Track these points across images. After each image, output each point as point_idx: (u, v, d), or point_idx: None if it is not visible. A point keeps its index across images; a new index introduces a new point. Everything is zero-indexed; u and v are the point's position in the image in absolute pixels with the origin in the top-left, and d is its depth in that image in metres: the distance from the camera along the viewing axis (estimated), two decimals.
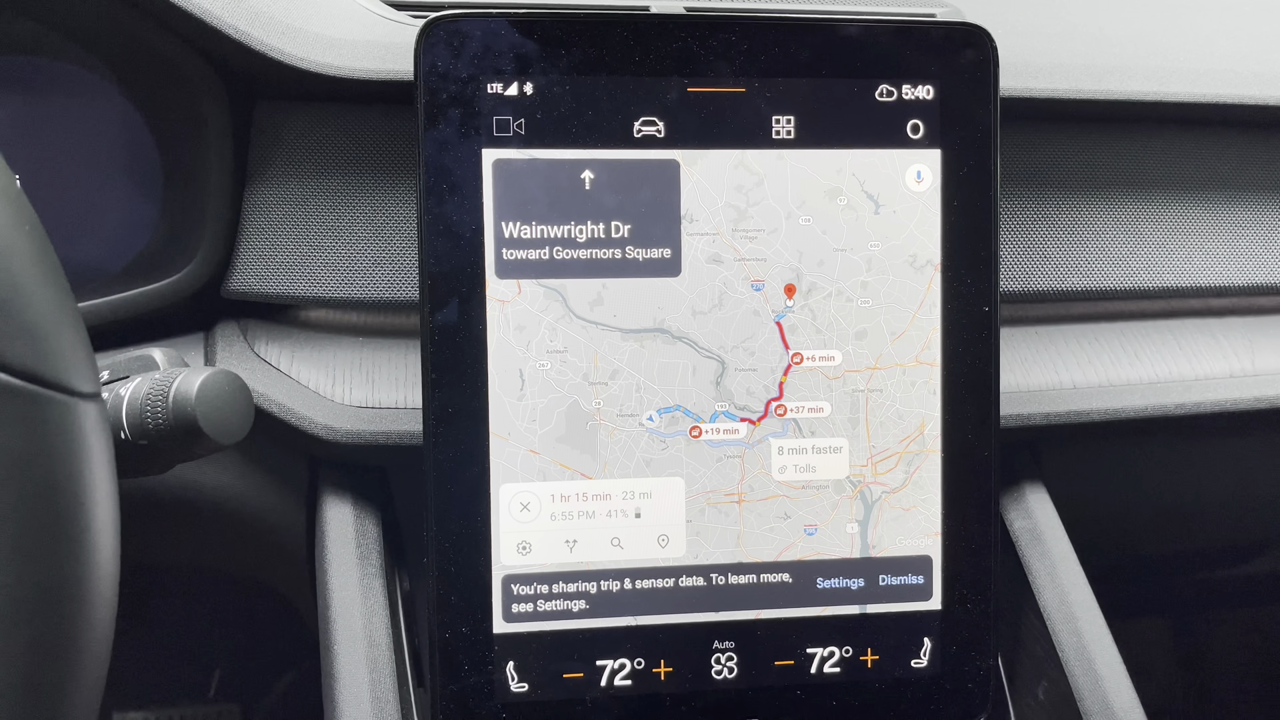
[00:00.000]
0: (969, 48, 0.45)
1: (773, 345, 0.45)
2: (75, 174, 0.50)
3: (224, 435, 0.36)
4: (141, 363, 0.39)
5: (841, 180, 0.45)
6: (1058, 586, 0.48)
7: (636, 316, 0.44)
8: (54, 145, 0.49)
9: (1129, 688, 0.45)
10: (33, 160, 0.49)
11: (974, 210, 0.45)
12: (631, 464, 0.44)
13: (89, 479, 0.28)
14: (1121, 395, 0.52)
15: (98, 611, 0.28)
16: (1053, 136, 0.53)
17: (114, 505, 0.29)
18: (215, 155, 0.47)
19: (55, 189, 0.50)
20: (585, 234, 0.44)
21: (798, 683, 0.46)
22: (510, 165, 0.43)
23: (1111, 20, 0.58)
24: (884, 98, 0.45)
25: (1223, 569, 0.72)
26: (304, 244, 0.48)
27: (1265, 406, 0.53)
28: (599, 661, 0.44)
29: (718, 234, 0.44)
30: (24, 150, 0.49)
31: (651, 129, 0.44)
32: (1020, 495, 0.51)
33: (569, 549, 0.44)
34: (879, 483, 0.46)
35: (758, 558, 0.45)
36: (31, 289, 0.27)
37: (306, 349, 0.48)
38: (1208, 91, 0.52)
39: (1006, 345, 0.52)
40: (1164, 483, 0.58)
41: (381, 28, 0.48)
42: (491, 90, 0.43)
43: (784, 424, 0.45)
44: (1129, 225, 0.53)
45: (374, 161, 0.48)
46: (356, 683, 0.42)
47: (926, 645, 0.46)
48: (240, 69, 0.46)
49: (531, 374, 0.43)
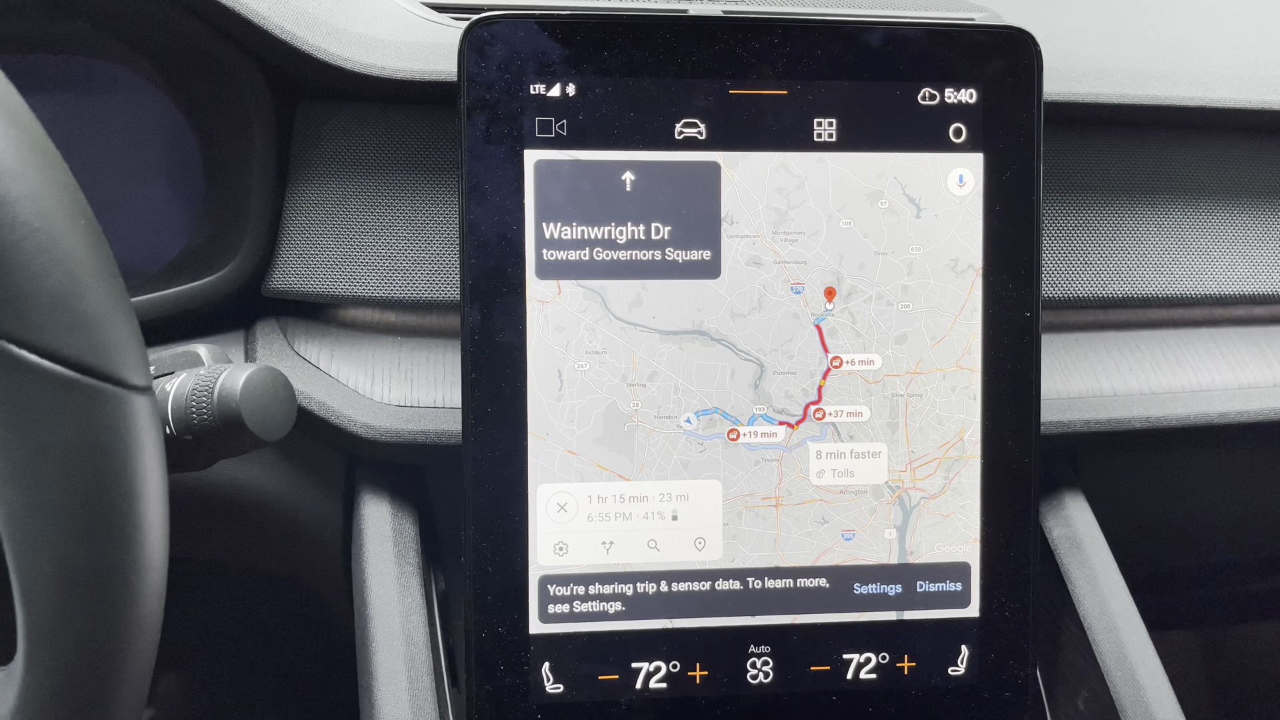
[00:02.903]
0: (1012, 51, 0.45)
1: (812, 348, 0.45)
2: (121, 172, 0.50)
3: (267, 431, 0.37)
4: (186, 359, 0.39)
5: (883, 183, 0.45)
6: (1098, 595, 0.48)
7: (675, 318, 0.44)
8: (101, 143, 0.50)
9: (1172, 699, 0.44)
10: (80, 158, 0.50)
11: (1016, 215, 0.45)
12: (669, 466, 0.44)
13: (141, 471, 0.28)
14: (1163, 403, 0.51)
15: (147, 602, 0.29)
16: (1096, 142, 0.52)
17: (164, 497, 0.29)
18: (258, 155, 0.47)
19: (101, 187, 0.50)
20: (625, 235, 0.44)
21: (833, 688, 0.45)
22: (552, 166, 0.43)
23: (1153, 25, 0.58)
24: (926, 101, 0.45)
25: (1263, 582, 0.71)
26: (344, 243, 0.48)
27: None
28: (634, 664, 0.44)
29: (758, 236, 0.44)
30: (72, 148, 0.49)
31: (693, 130, 0.44)
32: (1059, 503, 0.51)
33: (605, 550, 0.44)
34: (918, 488, 0.45)
35: (794, 562, 0.45)
36: (87, 283, 0.28)
37: (346, 348, 0.48)
38: (1253, 98, 0.52)
39: (1047, 351, 0.52)
40: (1205, 493, 0.57)
41: (423, 29, 0.48)
42: (534, 91, 0.43)
43: (822, 428, 0.45)
44: (1172, 232, 0.53)
45: (414, 162, 0.48)
46: (395, 681, 0.42)
47: (964, 653, 0.46)
48: (285, 69, 0.46)
49: (570, 375, 0.44)
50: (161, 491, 0.29)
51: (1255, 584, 0.71)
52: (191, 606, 0.65)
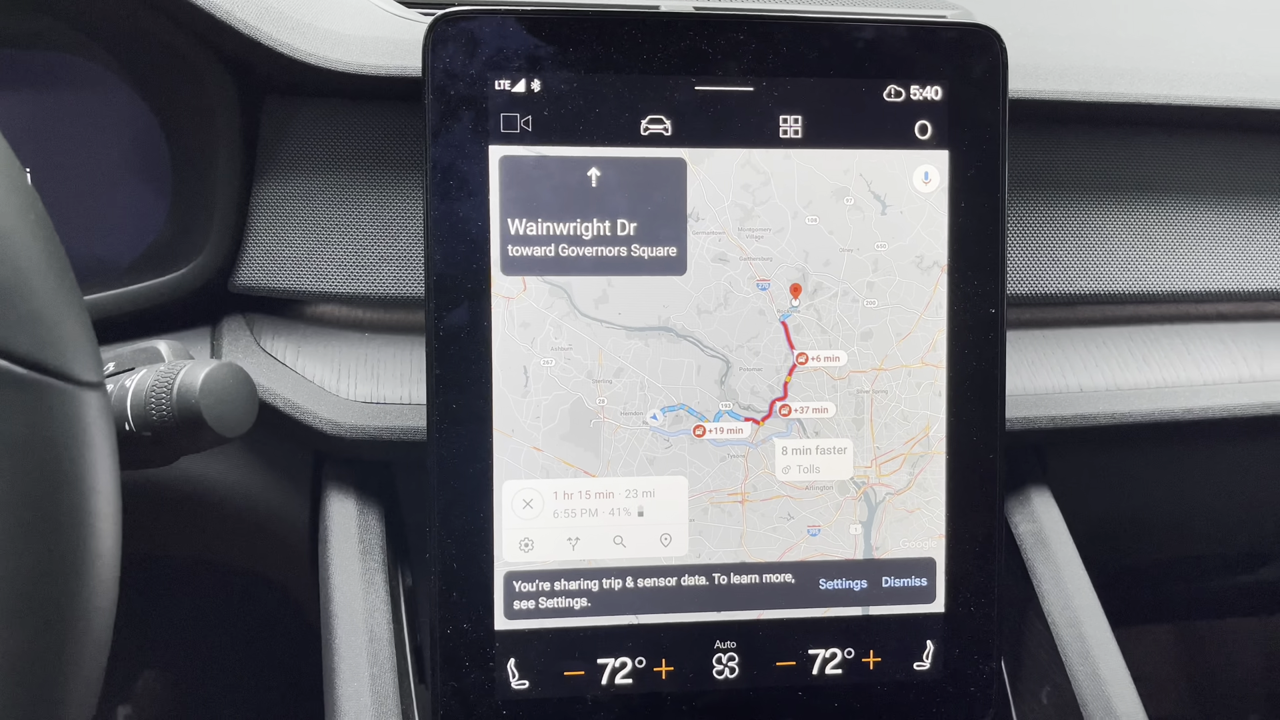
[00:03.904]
0: (978, 49, 0.45)
1: (778, 345, 0.45)
2: (86, 168, 0.50)
3: (227, 428, 0.37)
4: (147, 355, 0.39)
5: (849, 180, 0.45)
6: (1062, 590, 0.48)
7: (641, 314, 0.44)
8: (65, 139, 0.49)
9: (1133, 693, 0.45)
10: (44, 154, 0.49)
11: (981, 212, 0.45)
12: (635, 462, 0.44)
13: (90, 467, 0.28)
14: (1129, 400, 0.51)
15: (99, 599, 0.29)
16: (1062, 139, 0.52)
17: (115, 494, 0.29)
18: (224, 150, 0.47)
19: (66, 182, 0.50)
20: (591, 231, 0.44)
21: (799, 684, 0.45)
22: (517, 162, 0.43)
23: (1122, 24, 0.58)
24: (892, 98, 0.45)
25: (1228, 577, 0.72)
26: (311, 239, 0.48)
27: (1273, 413, 0.52)
28: (600, 660, 0.44)
29: (724, 233, 0.44)
30: (36, 144, 0.49)
31: (659, 127, 0.44)
32: (1026, 499, 0.51)
33: (571, 546, 0.44)
34: (883, 484, 0.46)
35: (760, 558, 0.45)
36: (36, 278, 0.27)
37: (312, 344, 0.48)
38: (1219, 95, 0.52)
39: (1014, 348, 0.52)
40: (1171, 488, 0.58)
41: (390, 24, 0.48)
42: (499, 87, 0.43)
43: (788, 424, 0.45)
44: (1138, 229, 0.53)
45: (382, 157, 0.48)
46: (357, 677, 0.42)
47: (929, 648, 0.46)
48: (249, 64, 0.46)
49: (536, 371, 0.43)
50: (113, 488, 0.29)
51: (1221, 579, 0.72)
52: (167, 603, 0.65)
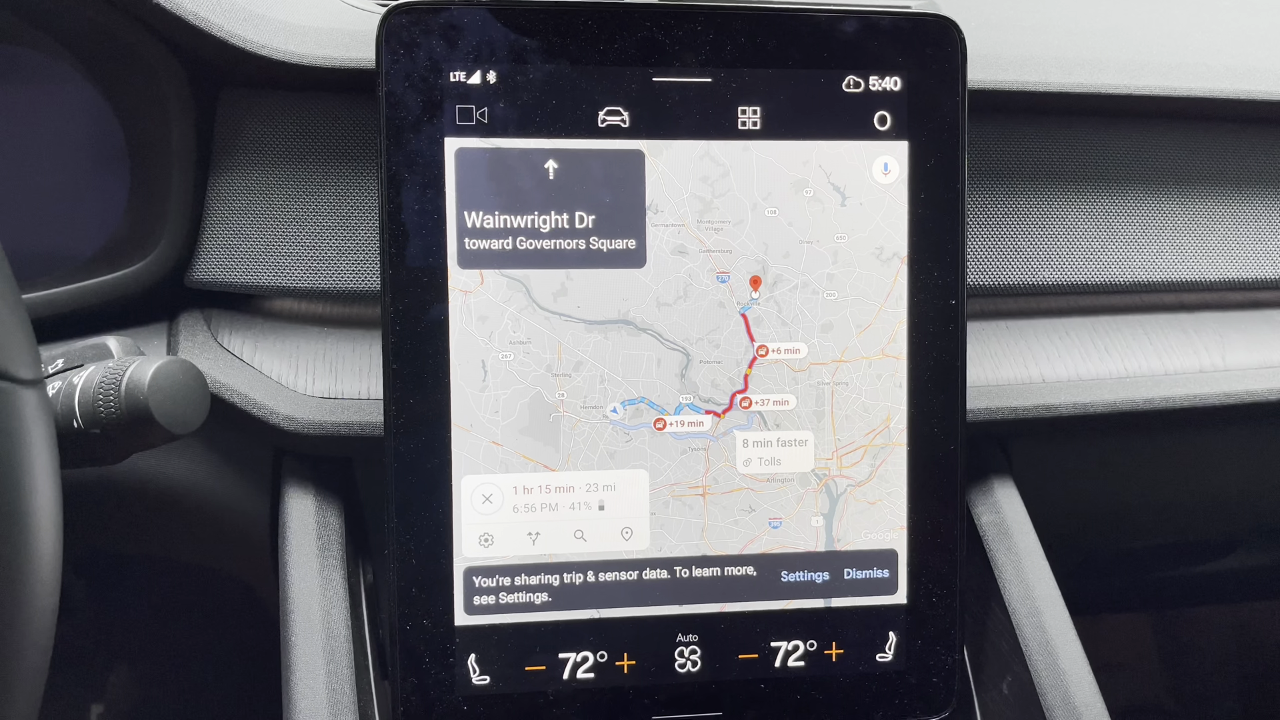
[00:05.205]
0: (937, 39, 0.45)
1: (738, 337, 0.45)
2: (38, 162, 0.49)
3: (177, 424, 0.36)
4: (96, 351, 0.39)
5: (808, 172, 0.45)
6: (1023, 581, 0.48)
7: (601, 308, 0.44)
8: (16, 133, 0.49)
9: (1091, 682, 0.45)
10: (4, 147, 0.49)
11: (941, 203, 0.45)
12: (595, 456, 0.44)
13: (28, 465, 0.27)
14: (1091, 390, 0.51)
15: (39, 599, 0.28)
16: (1024, 129, 0.52)
17: (55, 493, 0.29)
18: (179, 144, 0.47)
19: (20, 178, 0.49)
20: (549, 224, 0.43)
21: (762, 676, 0.45)
22: (473, 154, 0.43)
23: (1087, 14, 0.58)
24: (851, 89, 0.45)
25: (1193, 565, 0.72)
26: (268, 233, 0.47)
27: (1234, 402, 0.52)
28: (561, 654, 0.44)
29: (683, 225, 0.44)
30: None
31: (616, 119, 0.43)
32: (988, 490, 0.51)
33: (531, 541, 0.44)
34: (844, 476, 0.46)
35: (722, 551, 0.45)
36: None
37: (270, 339, 0.48)
38: (1179, 85, 0.52)
39: (976, 339, 0.52)
40: (1133, 478, 0.58)
41: (345, 15, 0.47)
42: (454, 78, 0.42)
43: (749, 416, 0.45)
44: (1100, 219, 0.53)
45: (339, 150, 0.48)
46: (313, 674, 0.42)
47: (892, 639, 0.46)
48: (203, 57, 0.45)
49: (494, 365, 0.43)
50: (52, 487, 0.29)
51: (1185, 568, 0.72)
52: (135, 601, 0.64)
